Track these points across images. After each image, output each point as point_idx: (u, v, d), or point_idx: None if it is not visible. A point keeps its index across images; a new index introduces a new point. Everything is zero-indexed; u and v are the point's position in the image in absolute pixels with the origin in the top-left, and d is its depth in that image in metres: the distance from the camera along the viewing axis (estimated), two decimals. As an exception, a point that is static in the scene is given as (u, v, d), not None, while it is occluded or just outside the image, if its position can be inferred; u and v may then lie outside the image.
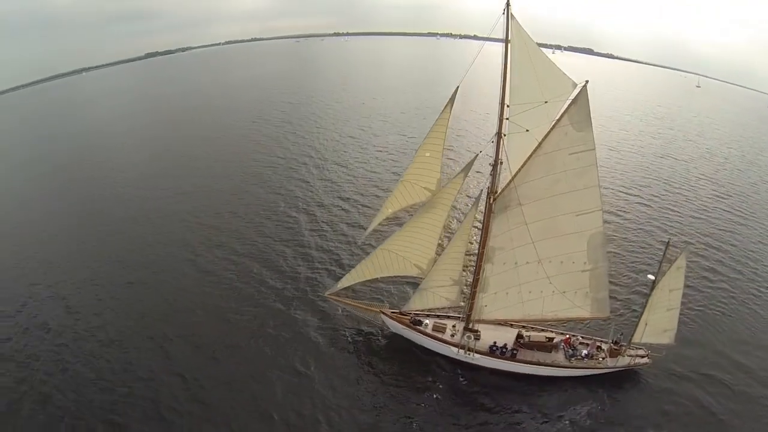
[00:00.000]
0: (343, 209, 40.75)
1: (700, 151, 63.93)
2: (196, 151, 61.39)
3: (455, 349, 22.25)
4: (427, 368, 22.73)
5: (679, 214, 42.72)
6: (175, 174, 52.64)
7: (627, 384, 21.76)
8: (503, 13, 16.94)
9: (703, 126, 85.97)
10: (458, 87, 18.91)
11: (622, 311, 26.45)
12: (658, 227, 39.64)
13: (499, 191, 19.79)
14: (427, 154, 21.25)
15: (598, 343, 22.29)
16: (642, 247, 35.56)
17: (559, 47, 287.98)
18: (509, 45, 17.37)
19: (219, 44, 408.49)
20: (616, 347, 21.66)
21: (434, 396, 21.06)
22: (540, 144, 19.08)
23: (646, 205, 44.34)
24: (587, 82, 18.48)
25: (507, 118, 18.35)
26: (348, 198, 43.02)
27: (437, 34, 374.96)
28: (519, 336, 22.54)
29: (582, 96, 18.68)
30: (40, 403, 21.20)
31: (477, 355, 21.92)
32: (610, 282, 29.88)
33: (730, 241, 38.28)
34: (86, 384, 22.23)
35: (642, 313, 20.64)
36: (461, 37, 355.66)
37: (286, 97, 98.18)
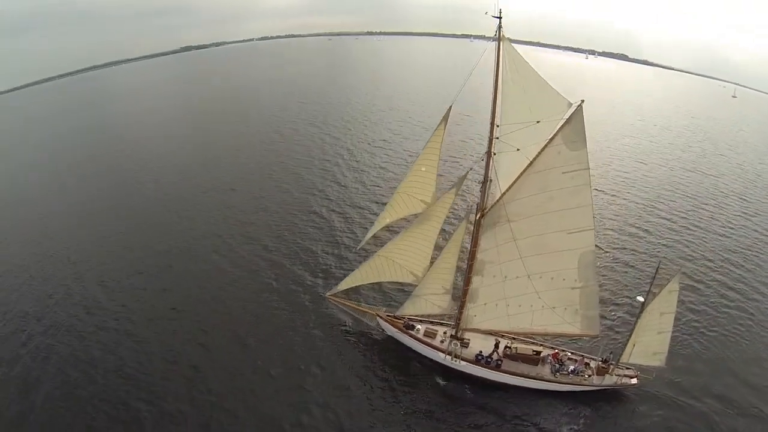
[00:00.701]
0: (374, 212, 40.93)
1: (730, 166, 59.93)
2: (230, 149, 63.66)
3: (442, 355, 22.57)
4: (418, 372, 23.21)
5: (703, 231, 40.52)
6: (211, 169, 55.02)
7: (621, 402, 21.31)
8: (494, 36, 17.03)
9: (736, 139, 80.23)
10: (451, 106, 19.17)
11: (618, 329, 25.71)
12: (679, 242, 37.96)
13: (488, 208, 19.88)
14: (423, 169, 21.65)
15: (587, 360, 21.92)
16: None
17: (593, 52, 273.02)
18: (500, 67, 17.43)
19: (252, 40, 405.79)
20: (604, 366, 21.23)
21: (420, 400, 21.55)
22: (531, 163, 19.04)
23: (668, 220, 42.33)
24: (582, 101, 18.28)
25: (497, 138, 18.44)
26: (378, 201, 43.27)
27: (471, 36, 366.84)
28: (496, 345, 22.61)
29: (577, 116, 18.47)
30: (83, 379, 23.36)
31: (463, 363, 22.15)
32: (619, 297, 29.47)
33: (755, 260, 36.11)
34: (124, 364, 24.18)
35: (631, 334, 20.13)
36: (494, 39, 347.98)
37: (319, 97, 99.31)
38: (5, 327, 28.09)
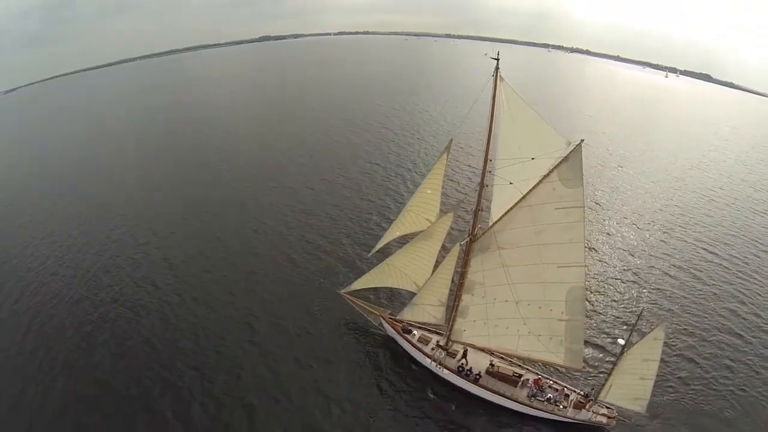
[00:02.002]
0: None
1: (811, 212, 50.94)
2: (298, 148, 65.33)
3: (429, 361, 23.51)
4: (408, 375, 24.47)
5: (762, 277, 35.78)
6: (278, 168, 57.68)
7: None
8: (492, 76, 17.63)
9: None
10: (452, 139, 20.09)
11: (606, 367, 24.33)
12: (732, 283, 34.27)
13: (478, 234, 20.43)
14: (429, 191, 22.85)
15: (567, 392, 21.44)
16: (706, 314, 30.63)
17: (674, 70, 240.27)
18: (496, 105, 17.96)
19: (330, 34, 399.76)
20: (582, 400, 20.64)
21: (402, 401, 22.86)
22: (524, 196, 19.29)
23: (725, 263, 37.84)
24: (582, 141, 18.22)
25: (489, 171, 18.99)
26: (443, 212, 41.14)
27: (549, 45, 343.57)
28: (464, 354, 23.11)
29: (575, 154, 18.46)
30: (144, 344, 27.09)
31: (446, 371, 22.90)
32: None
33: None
34: (181, 338, 27.57)
35: (610, 374, 19.40)
36: (572, 50, 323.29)
37: (396, 100, 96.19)
38: (80, 290, 33.33)
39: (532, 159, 18.79)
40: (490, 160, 18.81)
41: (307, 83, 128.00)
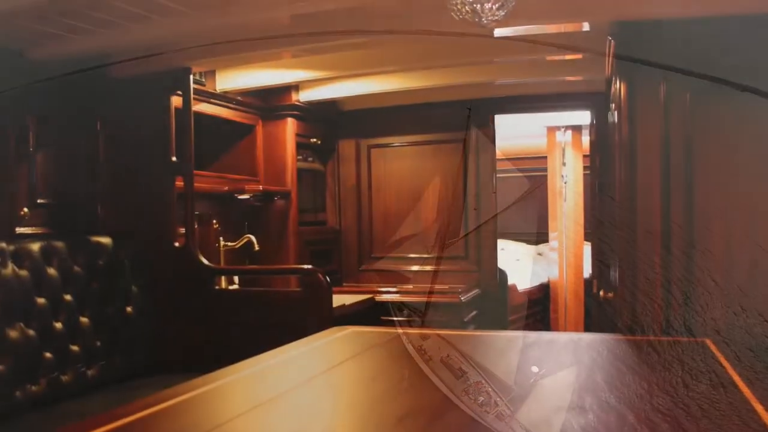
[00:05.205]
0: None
1: None
2: None
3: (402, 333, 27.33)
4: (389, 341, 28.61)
5: None
6: None
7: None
8: (466, 123, 19.73)
9: None
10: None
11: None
12: None
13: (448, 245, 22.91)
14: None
15: (498, 402, 22.06)
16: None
17: None
18: (468, 150, 20.08)
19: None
20: (505, 412, 21.21)
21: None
22: (487, 221, 20.94)
23: None
24: (546, 181, 18.94)
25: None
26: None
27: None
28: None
29: (539, 192, 19.24)
30: None
31: (410, 346, 26.21)
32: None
33: None
34: None
35: (525, 398, 19.64)
36: (744, 89, 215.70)
37: None
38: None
39: (494, 193, 20.22)
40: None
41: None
